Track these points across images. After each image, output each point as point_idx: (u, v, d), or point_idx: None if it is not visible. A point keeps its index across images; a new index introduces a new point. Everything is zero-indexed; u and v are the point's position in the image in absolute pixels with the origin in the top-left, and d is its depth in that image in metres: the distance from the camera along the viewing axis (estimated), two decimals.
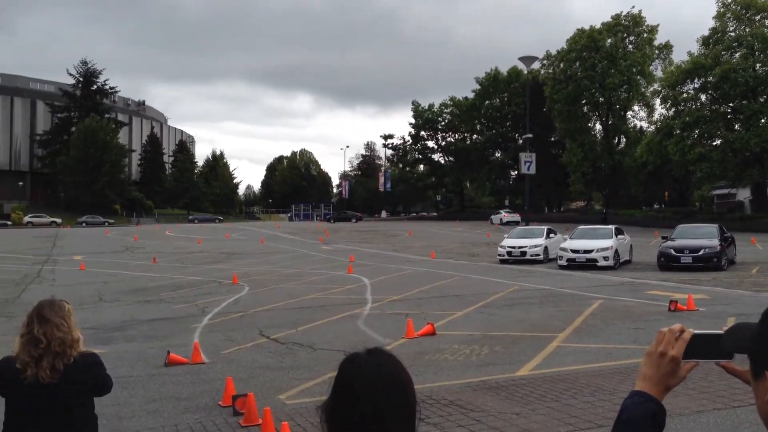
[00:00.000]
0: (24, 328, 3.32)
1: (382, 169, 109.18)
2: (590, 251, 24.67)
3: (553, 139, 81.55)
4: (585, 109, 71.16)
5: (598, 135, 73.18)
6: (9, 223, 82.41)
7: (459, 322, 13.71)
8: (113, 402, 8.01)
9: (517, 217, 70.87)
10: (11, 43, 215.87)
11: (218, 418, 7.60)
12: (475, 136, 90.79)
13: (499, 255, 28.35)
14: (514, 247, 28.08)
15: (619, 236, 26.43)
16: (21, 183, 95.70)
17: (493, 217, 75.16)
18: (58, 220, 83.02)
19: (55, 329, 3.26)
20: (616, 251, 25.01)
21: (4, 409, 3.42)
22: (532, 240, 28.66)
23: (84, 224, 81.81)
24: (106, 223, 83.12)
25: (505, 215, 71.66)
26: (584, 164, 68.01)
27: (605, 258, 24.42)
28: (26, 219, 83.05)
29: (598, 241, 25.28)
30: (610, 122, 70.59)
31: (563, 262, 25.04)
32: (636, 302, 15.79)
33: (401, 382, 1.70)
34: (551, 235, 29.91)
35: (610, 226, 28.00)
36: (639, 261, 27.00)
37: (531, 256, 27.64)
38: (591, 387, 8.43)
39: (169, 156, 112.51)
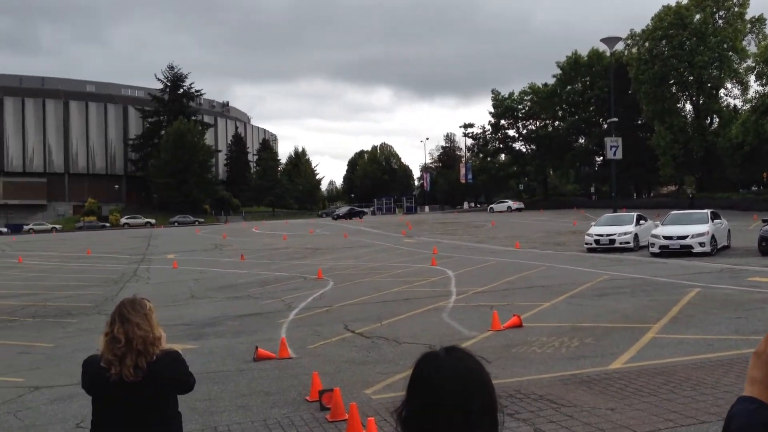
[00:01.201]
0: (107, 327, 3.37)
1: (463, 159, 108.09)
2: (685, 237, 23.59)
3: (639, 122, 78.53)
4: (673, 89, 68.19)
5: (688, 116, 70.01)
6: (107, 224, 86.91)
7: (547, 314, 13.34)
8: (205, 397, 8.18)
9: (521, 204, 77.98)
10: (103, 52, 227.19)
11: (305, 413, 7.62)
12: (557, 122, 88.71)
13: (587, 243, 27.56)
14: (602, 235, 27.23)
15: (715, 221, 25.16)
16: (117, 186, 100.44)
17: (494, 206, 78.87)
18: (152, 221, 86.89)
19: (136, 328, 3.28)
20: (713, 236, 23.81)
21: (91, 408, 3.47)
22: (621, 227, 27.69)
23: (176, 224, 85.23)
24: (196, 222, 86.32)
25: (513, 203, 77.26)
26: (674, 147, 65.21)
27: (701, 244, 23.29)
28: (122, 220, 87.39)
29: (692, 227, 24.15)
30: (700, 102, 67.41)
31: (655, 250, 24.06)
32: (737, 290, 14.94)
33: (483, 381, 1.59)
34: (641, 221, 28.80)
35: (705, 211, 26.66)
36: (738, 246, 25.65)
37: (620, 243, 26.72)
38: (691, 380, 7.97)
39: (253, 155, 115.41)
